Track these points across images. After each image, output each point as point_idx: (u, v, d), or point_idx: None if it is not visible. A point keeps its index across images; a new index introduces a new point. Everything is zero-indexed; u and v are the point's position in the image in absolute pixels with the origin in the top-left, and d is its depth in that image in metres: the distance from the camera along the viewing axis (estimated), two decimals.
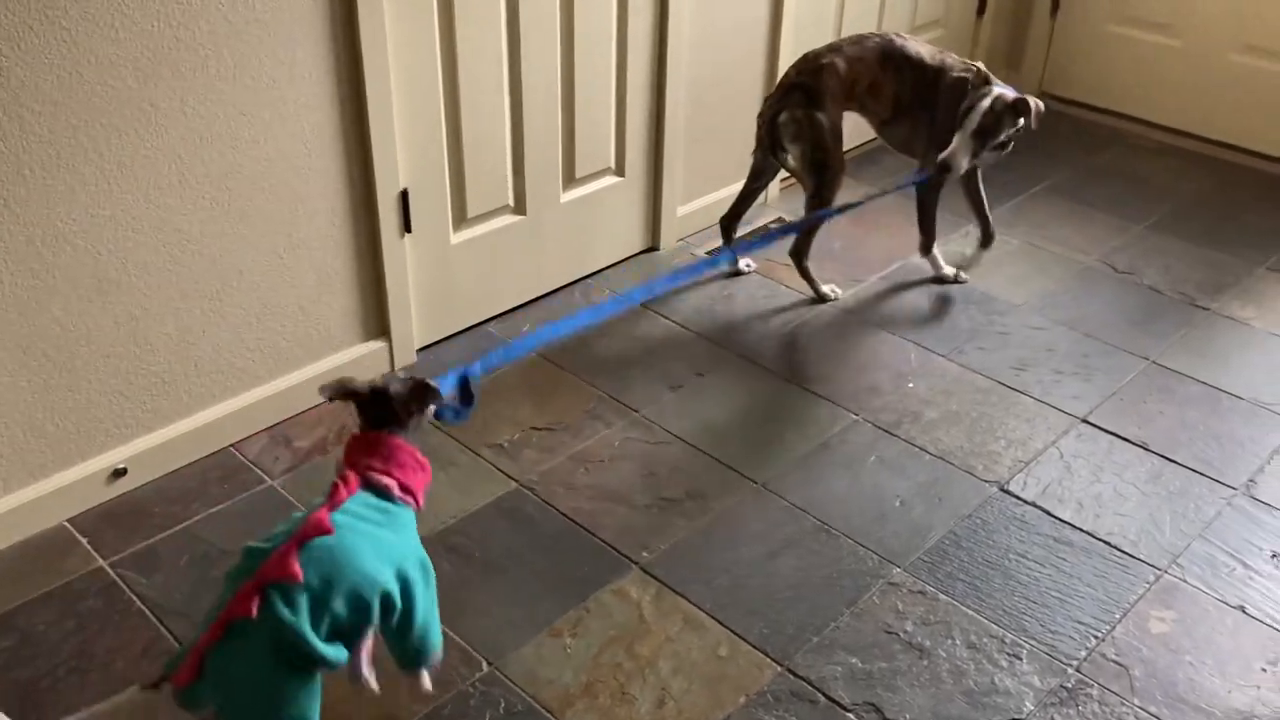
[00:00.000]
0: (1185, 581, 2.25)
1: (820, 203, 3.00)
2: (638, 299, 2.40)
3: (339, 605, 1.60)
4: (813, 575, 2.26)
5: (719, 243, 3.40)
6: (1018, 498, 2.47)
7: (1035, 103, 2.86)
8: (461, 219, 2.85)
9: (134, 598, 2.17)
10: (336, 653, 1.61)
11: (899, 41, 3.02)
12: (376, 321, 2.75)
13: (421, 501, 1.77)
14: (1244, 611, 2.19)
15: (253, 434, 2.60)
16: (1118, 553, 2.32)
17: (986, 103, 2.83)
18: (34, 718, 1.93)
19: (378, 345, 2.77)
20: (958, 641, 2.12)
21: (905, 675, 2.05)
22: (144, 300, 2.31)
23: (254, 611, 1.53)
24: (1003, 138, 2.89)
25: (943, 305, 3.15)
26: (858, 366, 2.89)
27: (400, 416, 1.77)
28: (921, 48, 3.03)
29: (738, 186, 3.29)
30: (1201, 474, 2.53)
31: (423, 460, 1.78)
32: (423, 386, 1.79)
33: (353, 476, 1.71)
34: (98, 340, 2.28)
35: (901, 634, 2.13)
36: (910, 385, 2.81)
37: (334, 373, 2.69)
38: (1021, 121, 2.86)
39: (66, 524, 2.33)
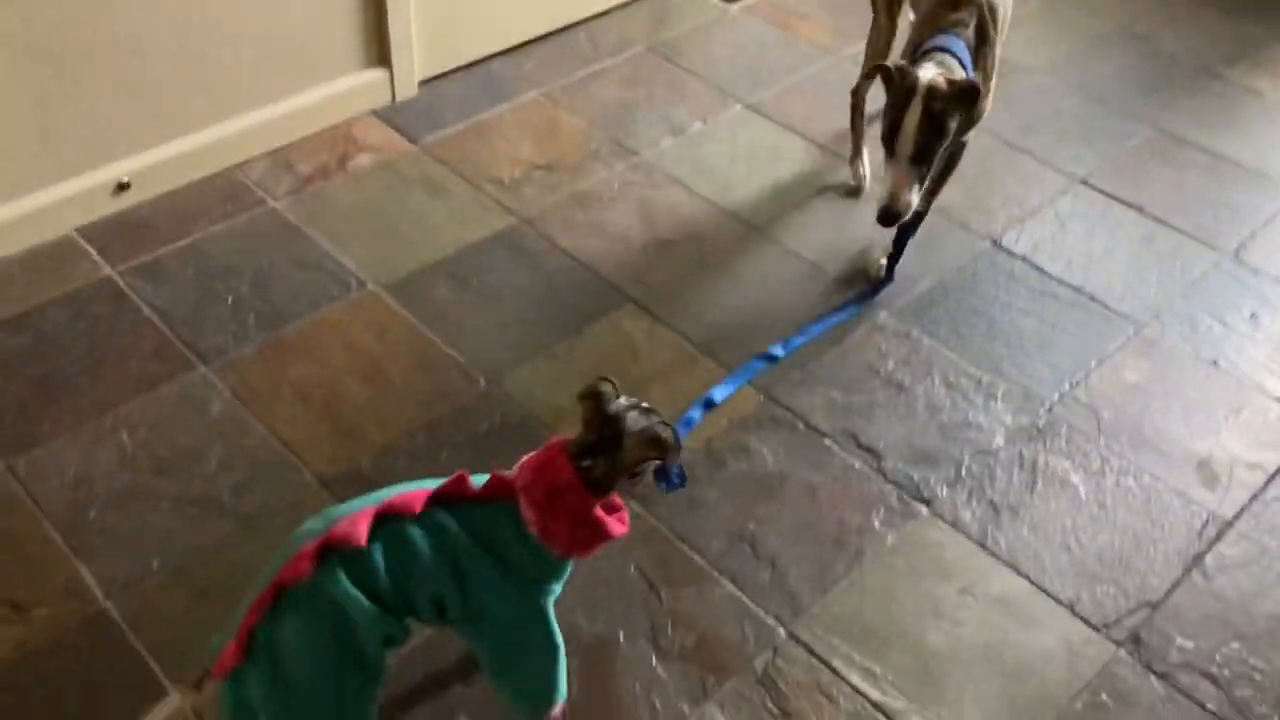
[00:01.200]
0: (1164, 336, 2.32)
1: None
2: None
3: (391, 590, 1.37)
4: (801, 315, 2.32)
5: None
6: (1009, 252, 2.50)
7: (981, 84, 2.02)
8: None
9: (142, 305, 2.23)
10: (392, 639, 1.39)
11: None
12: (378, 49, 2.70)
13: (578, 554, 1.43)
14: (1216, 365, 2.27)
15: (254, 156, 2.60)
16: (1101, 307, 2.38)
17: (916, 111, 1.92)
18: (51, 409, 2.03)
19: (379, 74, 2.73)
20: (936, 381, 2.20)
21: (883, 408, 2.14)
22: (147, 16, 2.26)
23: (307, 572, 1.30)
24: (949, 141, 2.02)
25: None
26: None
27: (614, 468, 1.40)
28: None
29: None
30: (1193, 237, 2.56)
31: (599, 524, 1.40)
32: (660, 443, 1.42)
33: (498, 484, 1.40)
34: (100, 53, 2.24)
35: (882, 372, 2.21)
36: None
37: (336, 100, 2.68)
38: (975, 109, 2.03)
39: (74, 233, 2.37)
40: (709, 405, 2.11)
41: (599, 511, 1.40)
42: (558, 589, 1.48)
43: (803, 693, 1.70)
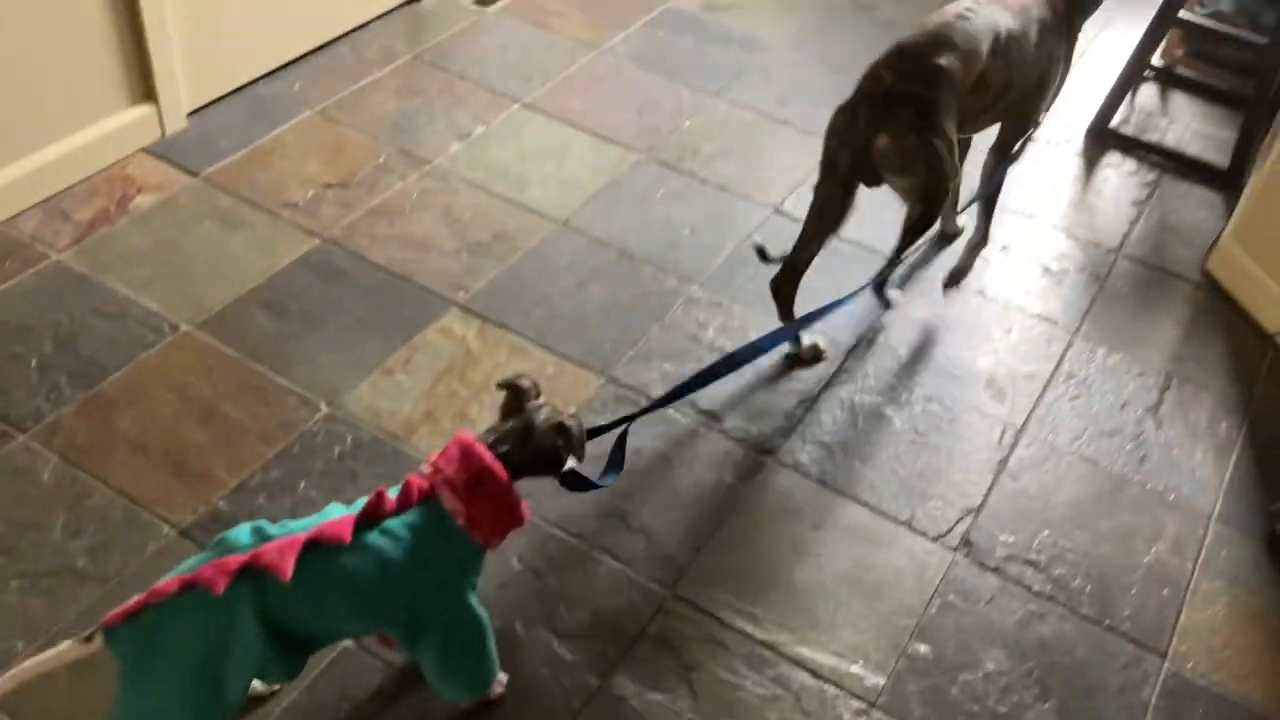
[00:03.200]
0: (936, 275, 2.59)
1: (926, 227, 2.23)
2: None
3: (313, 622, 1.41)
4: (621, 298, 2.44)
5: (503, 1, 3.37)
6: (791, 217, 2.71)
7: None
8: None
9: None
10: (277, 669, 1.43)
11: (997, 15, 2.17)
12: (142, 84, 2.59)
13: (495, 541, 1.49)
14: (983, 294, 2.56)
15: (25, 209, 2.44)
16: (877, 255, 2.62)
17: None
18: None
19: (146, 109, 2.62)
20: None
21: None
22: None
23: (219, 586, 1.31)
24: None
25: (706, 47, 3.28)
26: (637, 108, 3.01)
27: (526, 453, 1.50)
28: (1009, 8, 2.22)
29: None
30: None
31: (516, 506, 1.48)
32: (566, 431, 1.52)
33: (417, 488, 1.45)
34: None
35: (704, 340, 2.36)
36: (687, 123, 2.97)
37: (103, 141, 2.56)
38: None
39: None
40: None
41: (515, 494, 1.48)
42: (478, 583, 1.54)
43: (697, 646, 1.82)
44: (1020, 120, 2.40)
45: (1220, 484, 2.19)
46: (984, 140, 2.51)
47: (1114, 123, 3.11)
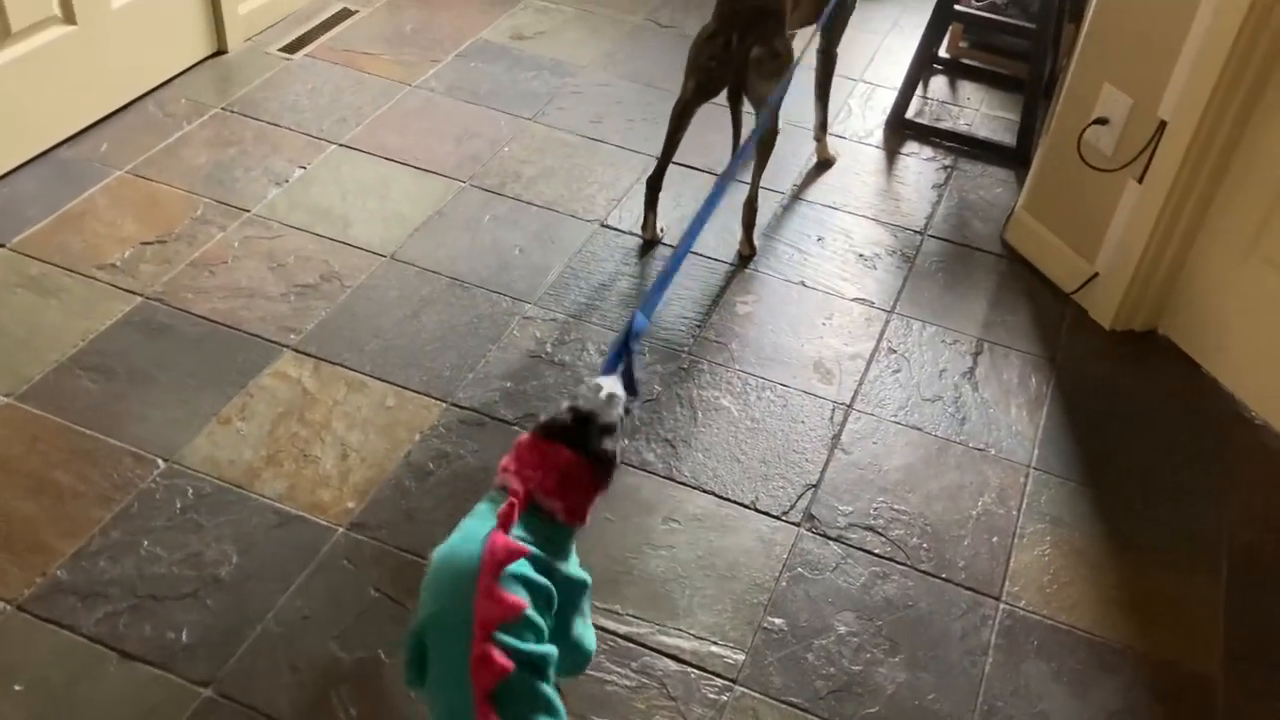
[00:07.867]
0: (758, 270, 2.71)
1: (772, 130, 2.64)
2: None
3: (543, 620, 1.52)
4: (456, 324, 2.46)
5: (310, 46, 3.36)
6: (616, 229, 2.79)
7: None
8: (5, 33, 2.61)
9: None
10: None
11: None
12: None
13: (588, 519, 1.61)
14: (804, 285, 2.68)
15: None
16: (701, 257, 2.72)
17: None
18: None
19: None
20: (592, 352, 2.43)
21: (554, 387, 2.34)
22: None
23: (506, 666, 1.40)
24: None
25: (518, 74, 3.35)
26: (455, 139, 3.05)
27: (598, 443, 1.57)
28: None
29: None
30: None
31: (597, 480, 1.61)
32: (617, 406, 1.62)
33: (523, 493, 1.55)
34: None
35: (544, 355, 2.41)
36: (506, 149, 3.02)
37: None
38: None
39: None
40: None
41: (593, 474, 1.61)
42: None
43: None
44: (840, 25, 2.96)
45: (1035, 435, 2.35)
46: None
47: (909, 114, 3.31)
